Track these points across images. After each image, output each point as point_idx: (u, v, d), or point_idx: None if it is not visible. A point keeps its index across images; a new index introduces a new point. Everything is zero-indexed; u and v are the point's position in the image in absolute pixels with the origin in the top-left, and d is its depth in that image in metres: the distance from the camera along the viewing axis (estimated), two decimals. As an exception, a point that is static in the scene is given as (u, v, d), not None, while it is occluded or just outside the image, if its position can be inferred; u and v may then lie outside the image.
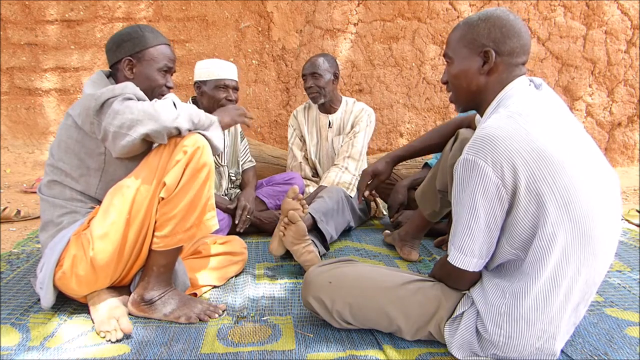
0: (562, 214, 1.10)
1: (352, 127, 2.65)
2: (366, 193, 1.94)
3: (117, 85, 1.47)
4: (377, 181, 1.94)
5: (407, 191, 2.50)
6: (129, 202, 1.43)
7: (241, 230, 2.31)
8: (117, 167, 1.52)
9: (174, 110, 1.44)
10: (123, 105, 1.41)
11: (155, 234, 1.48)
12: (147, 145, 1.49)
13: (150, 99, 1.59)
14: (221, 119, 1.64)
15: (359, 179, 2.56)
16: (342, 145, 2.65)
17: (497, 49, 1.21)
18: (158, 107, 1.43)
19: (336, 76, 2.62)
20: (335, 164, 2.60)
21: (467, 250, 1.18)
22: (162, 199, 1.45)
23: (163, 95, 1.67)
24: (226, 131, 2.47)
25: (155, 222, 1.48)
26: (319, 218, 2.11)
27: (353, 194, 2.49)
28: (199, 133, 1.50)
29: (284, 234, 1.83)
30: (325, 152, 2.71)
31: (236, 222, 2.31)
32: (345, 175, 2.52)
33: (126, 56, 1.58)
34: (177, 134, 1.45)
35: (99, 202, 1.54)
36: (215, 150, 1.55)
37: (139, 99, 1.48)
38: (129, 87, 1.48)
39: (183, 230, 1.48)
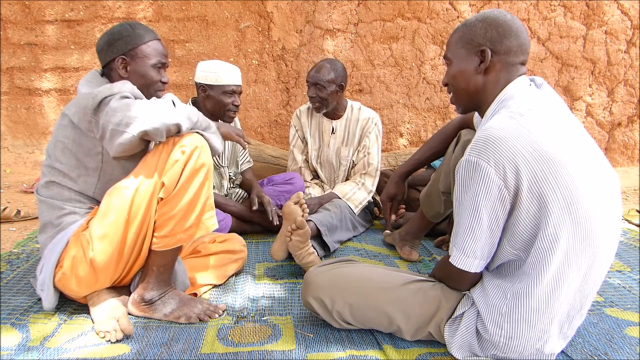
0: (564, 215, 1.10)
1: (360, 138, 2.60)
2: (393, 217, 2.04)
3: (115, 84, 1.47)
4: (396, 202, 2.04)
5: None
6: (127, 202, 1.42)
7: (278, 222, 2.31)
8: (115, 167, 1.51)
9: (172, 109, 1.44)
10: (121, 102, 1.40)
11: (155, 234, 1.48)
12: (144, 144, 1.48)
13: (147, 96, 1.58)
14: (219, 126, 1.66)
15: (371, 197, 2.58)
16: (354, 160, 2.61)
17: (493, 48, 1.21)
18: (157, 105, 1.42)
19: (342, 87, 2.52)
20: (353, 179, 2.58)
21: (469, 252, 1.18)
22: (161, 199, 1.45)
23: (160, 91, 1.66)
24: None
25: (155, 223, 1.48)
26: (324, 232, 2.14)
27: (358, 211, 2.48)
28: (197, 133, 1.49)
29: (290, 239, 1.84)
30: (327, 157, 2.66)
31: (271, 218, 2.32)
32: (360, 193, 2.50)
33: (119, 55, 1.56)
34: (176, 132, 1.45)
35: (98, 202, 1.53)
36: (214, 152, 1.55)
37: (136, 98, 1.47)
38: (127, 86, 1.47)
39: (182, 230, 1.47)
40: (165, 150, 1.45)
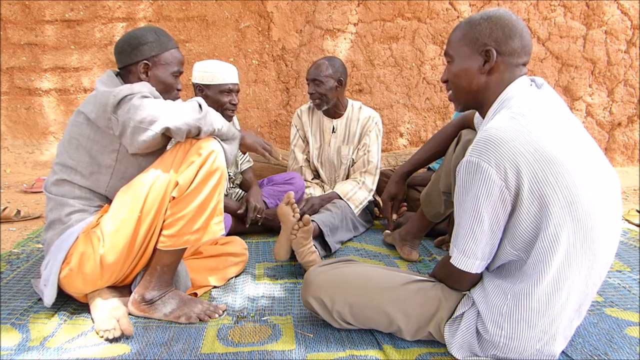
0: (565, 215, 1.10)
1: (361, 136, 2.59)
2: (394, 217, 2.06)
3: (134, 84, 1.49)
4: (397, 202, 2.04)
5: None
6: (141, 200, 1.43)
7: (247, 226, 2.34)
8: (129, 165, 1.52)
9: (198, 111, 1.47)
10: (143, 101, 1.43)
11: (163, 232, 1.49)
12: (165, 141, 1.51)
13: None
14: (244, 136, 1.70)
15: (372, 197, 2.57)
16: (353, 158, 2.61)
17: (498, 49, 1.21)
18: (180, 105, 1.46)
19: (341, 82, 2.51)
20: (353, 178, 2.58)
21: (469, 253, 1.18)
22: (174, 198, 1.46)
23: (175, 98, 1.69)
24: None
25: (164, 221, 1.48)
26: (326, 232, 2.15)
27: (358, 212, 2.48)
28: (215, 139, 1.51)
29: (295, 235, 1.85)
30: (327, 157, 2.66)
31: (247, 225, 2.34)
32: (361, 193, 2.50)
33: (143, 59, 1.57)
34: (196, 134, 1.47)
35: (108, 200, 1.54)
36: (225, 161, 1.57)
37: (155, 98, 1.50)
38: (147, 86, 1.50)
39: (190, 232, 1.48)
40: (182, 150, 1.47)
